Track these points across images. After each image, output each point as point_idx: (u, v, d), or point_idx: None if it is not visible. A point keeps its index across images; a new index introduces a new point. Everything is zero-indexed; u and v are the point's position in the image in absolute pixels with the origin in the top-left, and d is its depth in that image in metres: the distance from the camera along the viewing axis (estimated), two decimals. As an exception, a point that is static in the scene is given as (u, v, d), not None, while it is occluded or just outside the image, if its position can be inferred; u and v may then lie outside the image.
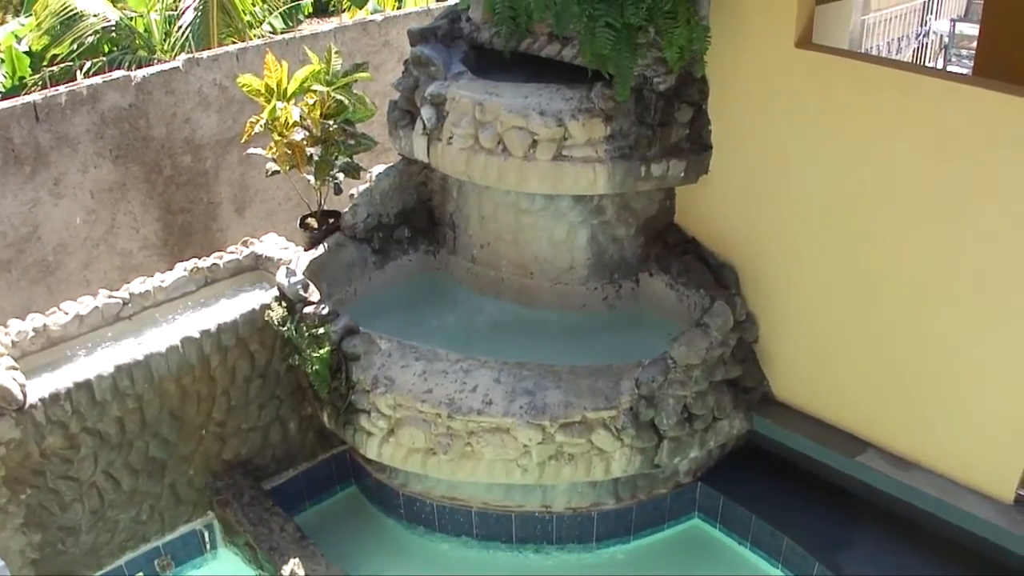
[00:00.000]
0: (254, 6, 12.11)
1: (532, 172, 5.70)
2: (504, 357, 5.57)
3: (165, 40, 11.20)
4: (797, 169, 5.69)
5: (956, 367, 5.43)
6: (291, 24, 12.92)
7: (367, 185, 6.58)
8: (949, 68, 14.30)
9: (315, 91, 6.29)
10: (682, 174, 5.94)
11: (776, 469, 6.10)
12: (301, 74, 6.27)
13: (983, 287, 5.22)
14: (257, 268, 6.57)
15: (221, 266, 6.43)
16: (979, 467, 5.51)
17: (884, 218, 5.45)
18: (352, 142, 6.43)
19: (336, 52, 6.41)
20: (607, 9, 5.29)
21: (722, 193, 6.06)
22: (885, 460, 5.79)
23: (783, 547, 5.78)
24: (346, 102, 6.32)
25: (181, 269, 6.32)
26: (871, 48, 14.08)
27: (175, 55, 9.29)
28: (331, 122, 6.33)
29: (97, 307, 5.92)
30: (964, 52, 14.97)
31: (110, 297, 6.00)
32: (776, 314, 6.08)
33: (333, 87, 6.29)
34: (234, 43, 9.42)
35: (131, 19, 11.34)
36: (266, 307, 5.95)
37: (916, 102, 5.22)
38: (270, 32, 12.04)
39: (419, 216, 6.77)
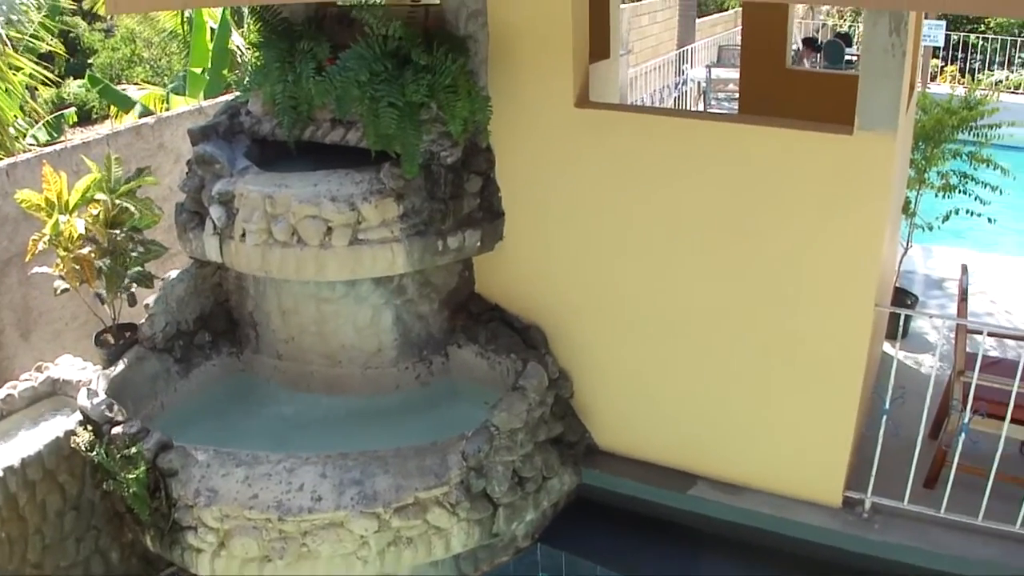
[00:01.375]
0: (16, 119, 11.68)
1: (330, 260, 5.63)
2: (326, 450, 5.45)
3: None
4: (587, 224, 5.87)
5: (759, 391, 5.78)
6: (56, 135, 12.49)
7: (161, 293, 6.38)
8: (710, 110, 14.98)
9: (98, 200, 6.07)
10: (478, 244, 6.00)
11: (613, 517, 6.15)
12: (82, 184, 6.05)
13: (769, 314, 5.59)
14: (55, 393, 6.27)
15: (16, 396, 6.11)
16: (805, 479, 5.82)
17: (674, 259, 5.73)
18: (142, 250, 6.23)
19: (116, 158, 6.21)
20: (388, 89, 5.33)
21: (519, 257, 6.16)
22: (716, 489, 5.99)
23: (633, 592, 5.82)
24: (132, 209, 6.12)
25: (-29, 406, 5.96)
26: (638, 100, 14.61)
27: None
28: (118, 231, 6.12)
29: None
30: (721, 95, 15.69)
31: None
32: (587, 367, 6.20)
33: (116, 195, 6.08)
34: (2, 158, 9.02)
35: None
36: (71, 433, 5.65)
37: (693, 145, 5.51)
38: (32, 144, 11.60)
39: (218, 319, 6.59)
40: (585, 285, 6.06)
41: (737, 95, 12.86)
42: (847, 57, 18.11)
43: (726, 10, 26.06)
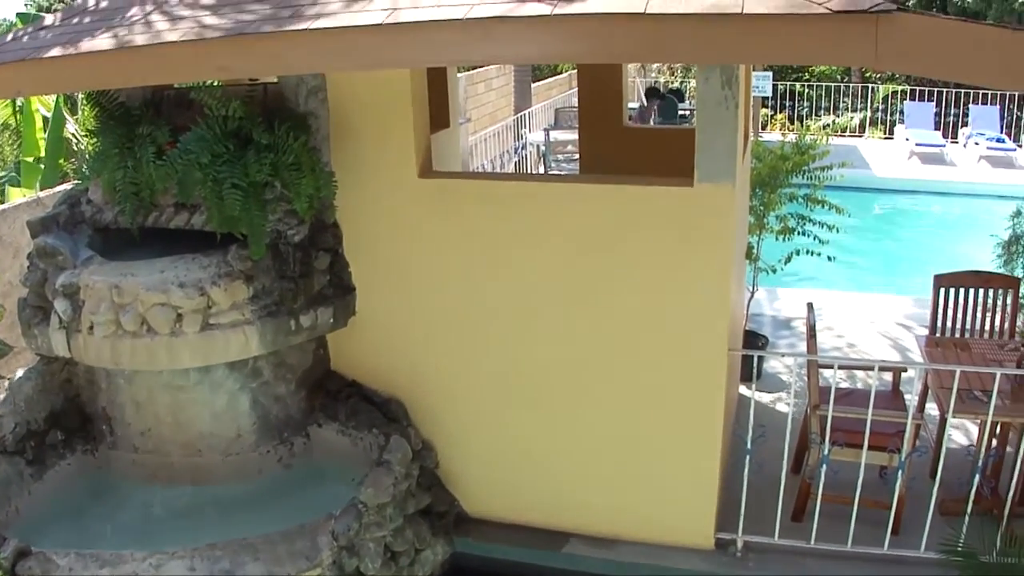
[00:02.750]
0: None
1: (182, 347, 5.51)
2: (193, 543, 5.29)
3: None
4: (440, 293, 5.91)
5: (625, 443, 5.89)
6: None
7: (7, 393, 6.14)
8: (550, 172, 15.19)
9: (-67, 302, 5.86)
10: (331, 320, 5.96)
11: (489, 583, 6.12)
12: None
13: (627, 367, 5.72)
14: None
15: None
16: (677, 525, 5.93)
17: (529, 321, 5.81)
18: (-16, 351, 6.03)
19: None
20: (231, 170, 5.28)
21: (374, 331, 6.14)
22: (590, 545, 6.04)
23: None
24: (-28, 309, 5.93)
25: None
26: (479, 166, 14.73)
27: None
28: (-43, 334, 5.91)
29: None
30: (560, 157, 15.92)
31: None
32: (450, 435, 6.20)
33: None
34: None
35: None
36: (-81, 549, 5.38)
37: (538, 207, 5.63)
38: None
39: (70, 416, 6.34)
40: (442, 354, 6.07)
41: (576, 156, 13.11)
42: (680, 112, 18.63)
43: (560, 73, 26.57)
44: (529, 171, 16.98)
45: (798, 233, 8.58)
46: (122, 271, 5.56)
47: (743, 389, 7.69)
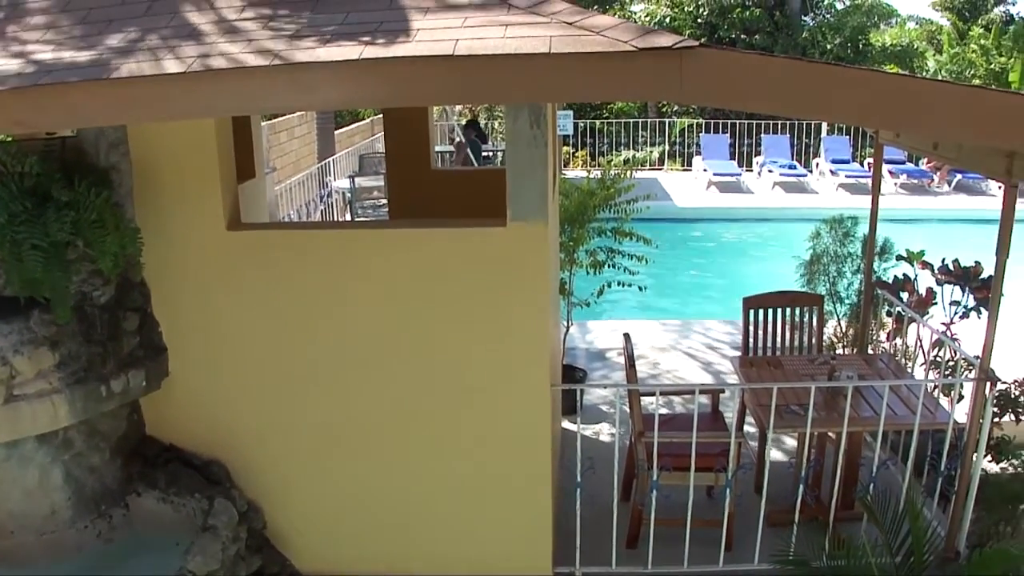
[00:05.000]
0: None
1: (-14, 422, 5.19)
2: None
3: None
4: (255, 348, 5.77)
5: (457, 486, 5.93)
6: None
7: None
8: (357, 219, 15.13)
9: None
10: (143, 383, 5.70)
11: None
12: None
13: (454, 410, 5.74)
14: None
15: None
16: (514, 563, 5.99)
17: (350, 372, 5.75)
18: None
19: None
20: (30, 230, 5.00)
21: (189, 391, 5.92)
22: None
23: None
24: None
25: None
26: (286, 216, 14.56)
27: None
28: None
29: None
30: (367, 203, 15.85)
31: None
32: (276, 494, 6.04)
33: None
34: None
35: None
36: None
37: (349, 255, 5.59)
38: None
39: None
40: (260, 411, 5.91)
41: (383, 202, 13.08)
42: (484, 153, 18.84)
43: (362, 119, 26.55)
44: (336, 219, 16.87)
45: (608, 266, 8.74)
46: (-85, 344, 5.21)
47: (566, 423, 7.75)
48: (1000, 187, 5.58)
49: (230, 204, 5.64)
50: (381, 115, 12.68)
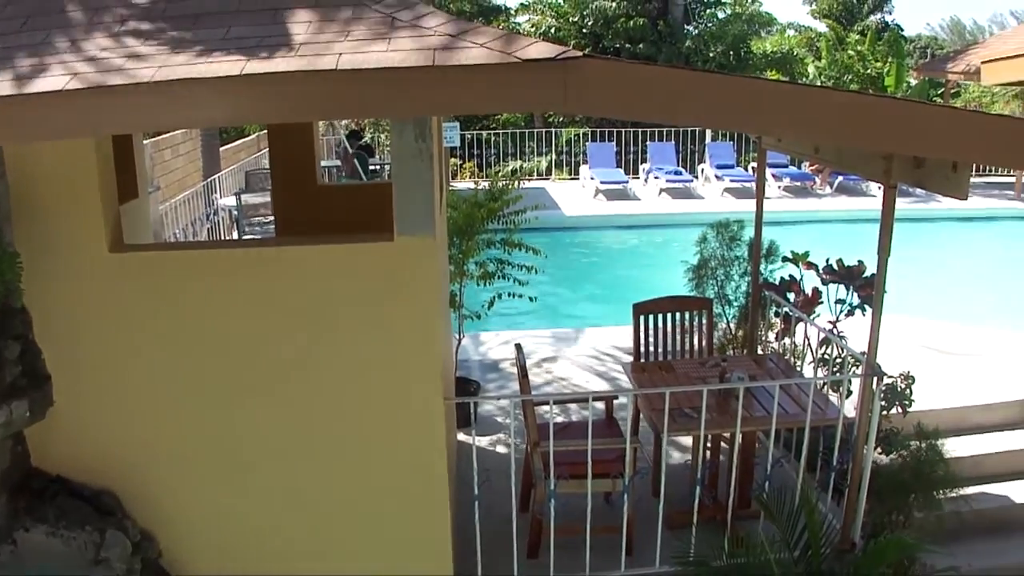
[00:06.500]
0: None
1: None
2: None
3: None
4: (143, 372, 5.61)
5: (355, 506, 5.83)
6: None
7: None
8: (244, 237, 14.95)
9: None
10: (28, 414, 5.50)
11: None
12: None
13: (346, 427, 5.67)
14: None
15: None
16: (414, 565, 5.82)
17: (240, 393, 5.62)
18: None
19: None
20: (-101, 263, 4.85)
21: (76, 420, 5.72)
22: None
23: None
24: None
25: None
26: (171, 236, 14.31)
27: None
28: None
29: None
30: (254, 220, 15.67)
31: None
32: (168, 520, 5.86)
33: None
34: None
35: None
36: None
37: (236, 274, 5.49)
38: None
39: None
40: (151, 437, 5.74)
41: (269, 218, 12.92)
42: (372, 167, 18.75)
43: (247, 135, 26.22)
44: (223, 237, 16.63)
45: (498, 277, 8.74)
46: None
47: (461, 435, 7.73)
48: (880, 188, 5.71)
49: (112, 225, 5.49)
50: (266, 131, 12.52)
